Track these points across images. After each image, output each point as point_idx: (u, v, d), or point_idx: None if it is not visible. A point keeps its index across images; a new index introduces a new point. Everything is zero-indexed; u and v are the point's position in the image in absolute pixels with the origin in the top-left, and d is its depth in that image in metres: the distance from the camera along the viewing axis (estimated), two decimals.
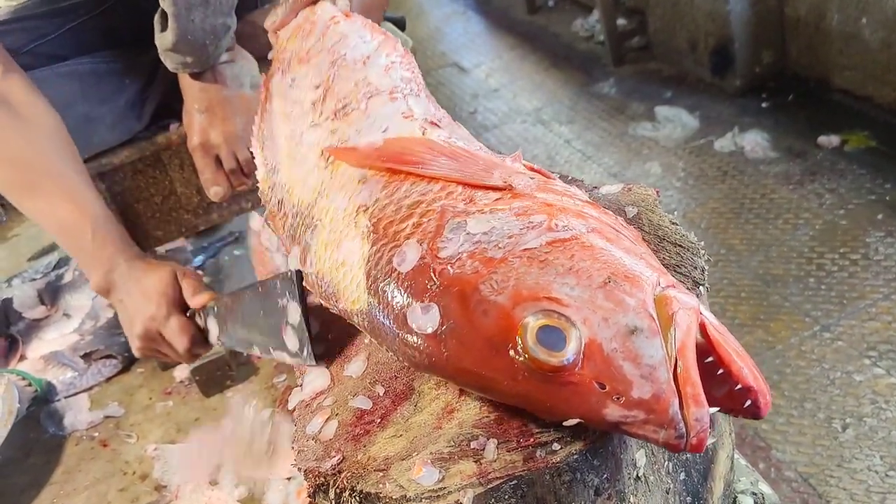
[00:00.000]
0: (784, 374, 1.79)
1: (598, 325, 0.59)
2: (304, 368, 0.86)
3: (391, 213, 0.75)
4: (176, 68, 1.35)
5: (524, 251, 0.65)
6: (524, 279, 0.63)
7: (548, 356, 0.59)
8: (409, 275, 0.69)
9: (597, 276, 0.62)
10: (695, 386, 0.56)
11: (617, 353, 0.58)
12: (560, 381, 0.60)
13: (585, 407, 0.60)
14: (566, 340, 0.59)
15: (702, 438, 0.56)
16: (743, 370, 0.57)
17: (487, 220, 0.68)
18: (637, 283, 0.61)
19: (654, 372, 0.57)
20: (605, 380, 0.58)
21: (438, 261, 0.67)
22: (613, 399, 0.58)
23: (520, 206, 0.69)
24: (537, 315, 0.60)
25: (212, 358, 1.69)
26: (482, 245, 0.66)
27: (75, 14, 1.48)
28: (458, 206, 0.71)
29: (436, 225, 0.70)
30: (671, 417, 0.56)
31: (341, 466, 0.69)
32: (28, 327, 2.09)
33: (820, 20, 2.57)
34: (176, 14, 1.25)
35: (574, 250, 0.64)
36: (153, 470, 1.58)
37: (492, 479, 0.63)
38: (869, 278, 1.98)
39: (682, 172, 2.59)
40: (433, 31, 4.41)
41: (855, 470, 1.56)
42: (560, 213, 0.67)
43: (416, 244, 0.70)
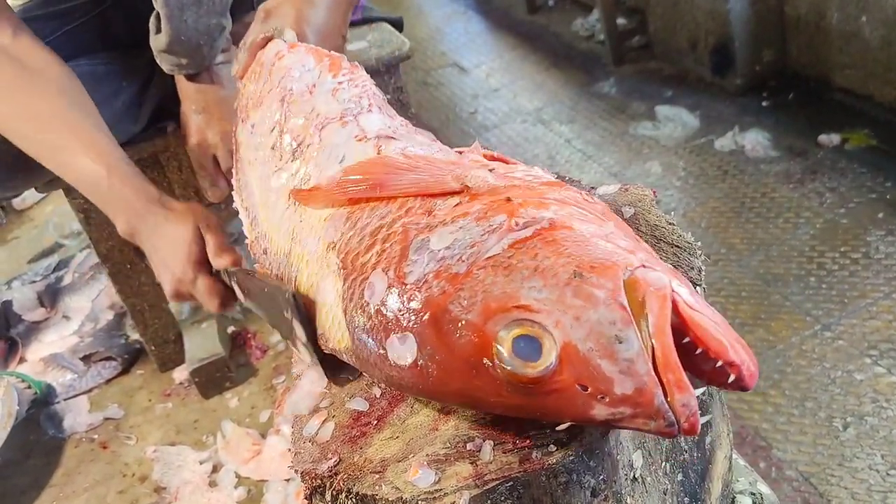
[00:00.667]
0: (785, 374, 1.79)
1: (570, 326, 0.58)
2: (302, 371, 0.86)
3: (356, 245, 0.73)
4: (171, 70, 1.35)
5: (487, 260, 0.63)
6: (491, 291, 0.61)
7: (525, 368, 0.58)
8: (380, 307, 0.67)
9: (563, 273, 0.60)
10: (675, 371, 0.54)
11: (593, 352, 0.57)
12: (542, 390, 0.58)
13: (573, 410, 0.59)
14: (541, 348, 0.58)
15: (692, 422, 0.55)
16: (722, 346, 0.56)
17: (450, 233, 0.66)
18: (604, 272, 0.59)
19: (632, 366, 0.56)
20: (585, 381, 0.57)
21: (405, 288, 0.66)
22: (598, 399, 0.57)
23: (479, 208, 0.67)
24: (510, 326, 0.59)
25: (211, 360, 1.69)
26: (446, 262, 0.65)
27: (72, 17, 1.48)
28: (419, 223, 0.70)
29: (399, 248, 0.69)
30: (657, 408, 0.55)
31: (338, 468, 0.69)
32: (28, 329, 2.09)
33: (820, 19, 2.57)
34: (168, 15, 1.24)
35: (537, 248, 0.62)
36: (153, 472, 1.58)
37: (488, 481, 0.62)
38: (870, 277, 1.97)
39: (683, 172, 2.58)
40: (433, 31, 4.41)
41: (856, 469, 1.55)
42: (519, 209, 0.65)
43: (381, 274, 0.68)
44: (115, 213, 1.19)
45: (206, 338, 1.75)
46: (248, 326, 1.91)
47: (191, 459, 1.58)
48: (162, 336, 1.80)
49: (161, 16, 1.26)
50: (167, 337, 1.80)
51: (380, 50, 1.61)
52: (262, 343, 1.84)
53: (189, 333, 1.78)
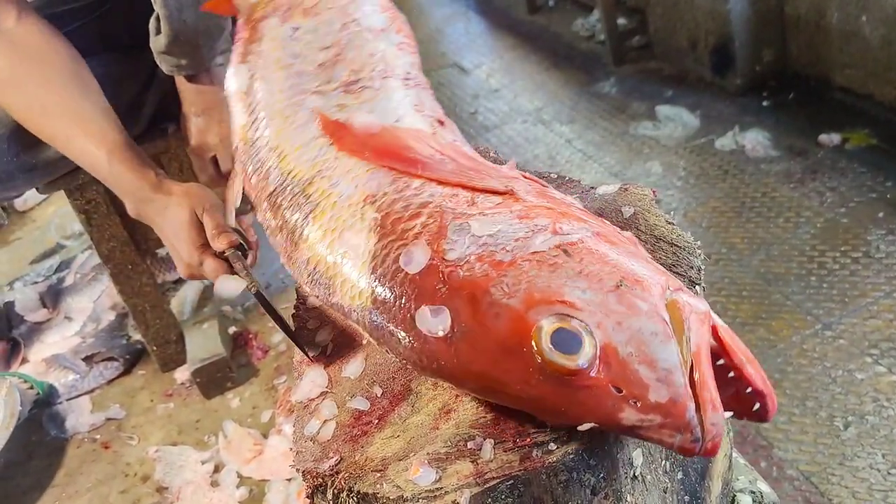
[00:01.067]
0: (786, 373, 1.79)
1: (612, 329, 0.59)
2: (303, 369, 0.86)
3: (400, 210, 0.73)
4: (171, 71, 1.35)
5: (533, 254, 0.64)
6: (536, 282, 0.62)
7: (564, 359, 0.59)
8: (417, 276, 0.68)
9: (608, 280, 0.62)
10: (711, 391, 0.56)
11: (633, 357, 0.58)
12: (576, 384, 0.59)
13: (602, 411, 0.59)
14: (581, 344, 0.59)
15: (717, 443, 0.56)
16: (755, 374, 0.58)
17: (492, 223, 0.68)
18: (647, 288, 0.61)
19: (670, 376, 0.57)
20: (621, 384, 0.58)
21: (446, 263, 0.66)
22: (630, 403, 0.58)
23: (521, 209, 0.69)
24: (551, 318, 0.60)
25: (212, 360, 1.70)
26: (489, 248, 0.66)
27: (72, 18, 1.48)
28: (458, 209, 0.71)
29: (438, 226, 0.69)
30: (688, 422, 0.56)
31: (339, 467, 0.70)
32: (30, 330, 2.10)
33: (820, 18, 2.57)
34: (168, 16, 1.25)
35: (582, 254, 0.64)
36: (155, 472, 1.58)
37: (488, 479, 0.63)
38: (870, 276, 1.97)
39: (683, 171, 2.58)
40: (434, 31, 4.41)
41: (857, 468, 1.55)
42: (562, 218, 0.67)
43: (424, 245, 0.68)
44: (122, 195, 1.20)
45: (207, 338, 1.75)
46: (250, 327, 1.91)
47: (192, 459, 1.58)
48: (163, 336, 1.80)
49: (160, 17, 1.26)
50: (169, 337, 1.81)
51: None
52: (264, 343, 1.85)
53: (190, 334, 1.78)
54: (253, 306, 1.99)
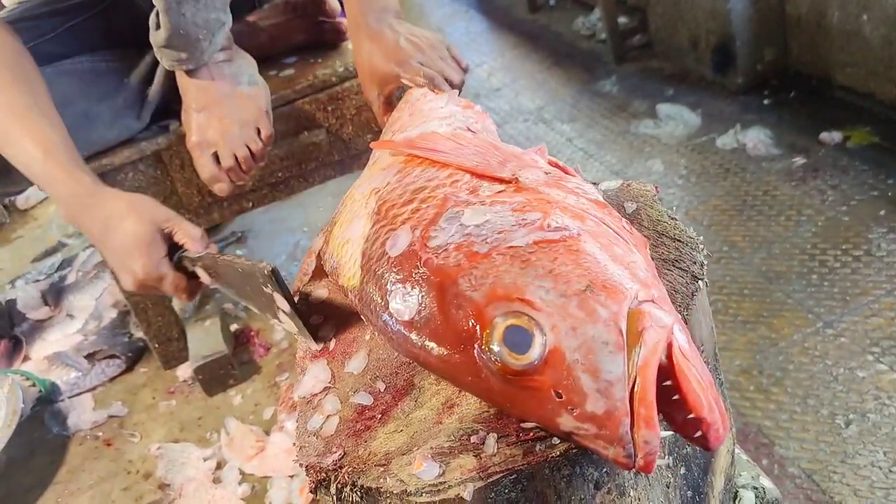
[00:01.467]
0: (787, 371, 1.79)
1: (564, 334, 0.59)
2: (306, 364, 0.86)
3: (396, 197, 0.76)
4: (172, 66, 1.35)
5: (509, 248, 0.64)
6: (502, 277, 0.63)
7: (509, 358, 0.59)
8: (397, 260, 0.70)
9: (575, 283, 0.61)
10: (648, 407, 0.55)
11: (577, 364, 0.57)
12: (519, 384, 0.60)
13: (541, 412, 0.60)
14: (531, 344, 0.59)
15: (649, 461, 0.55)
16: (698, 400, 0.56)
17: (484, 213, 0.68)
18: (614, 295, 0.60)
19: (610, 388, 0.56)
20: (562, 389, 0.58)
21: (426, 249, 0.68)
22: (568, 409, 0.58)
23: (519, 200, 0.69)
24: (507, 316, 0.60)
25: (214, 357, 1.70)
26: (471, 238, 0.67)
27: (75, 13, 1.48)
28: (460, 196, 0.72)
29: (434, 213, 0.71)
30: (620, 436, 0.55)
31: (342, 462, 0.70)
32: (32, 328, 2.10)
33: (821, 18, 2.57)
34: (167, 8, 1.25)
35: (558, 253, 0.63)
36: (157, 469, 1.58)
37: (492, 474, 0.63)
38: (872, 274, 1.97)
39: (685, 170, 2.58)
40: (435, 30, 4.40)
41: (858, 466, 1.55)
42: (557, 212, 0.67)
43: (408, 230, 0.70)
44: (55, 199, 1.17)
45: (209, 335, 1.75)
46: (251, 324, 1.91)
47: (195, 456, 1.58)
48: (165, 334, 1.80)
49: (159, 9, 1.26)
50: (170, 335, 1.81)
51: None
52: (266, 340, 1.85)
53: (192, 331, 1.79)
54: None
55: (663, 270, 0.76)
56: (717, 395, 0.58)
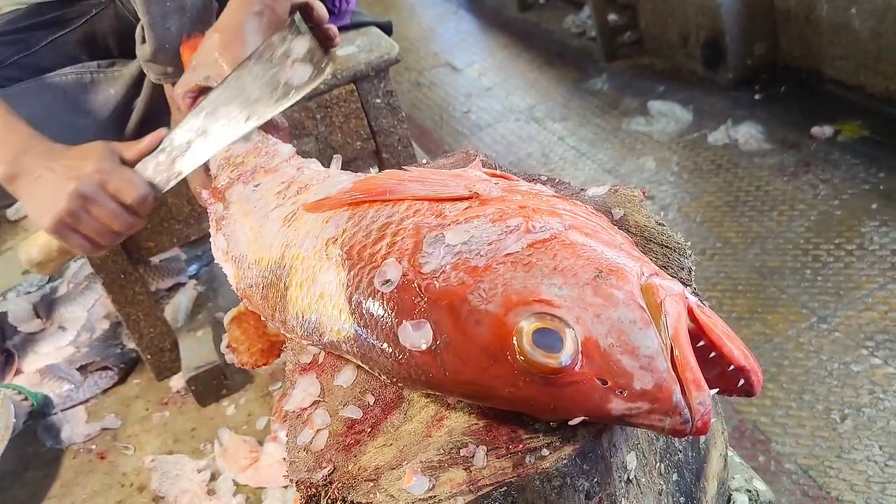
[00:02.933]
0: (782, 367, 1.79)
1: (591, 322, 0.59)
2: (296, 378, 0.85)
3: (362, 238, 0.75)
4: (158, 79, 1.35)
5: (507, 256, 0.64)
6: (511, 284, 0.63)
7: (546, 358, 0.59)
8: (393, 294, 0.68)
9: (582, 273, 0.62)
10: (694, 371, 0.56)
11: (614, 348, 0.58)
12: (561, 381, 0.60)
13: (590, 404, 0.60)
14: (562, 341, 0.59)
15: (706, 421, 0.57)
16: (734, 351, 0.58)
17: (465, 230, 0.68)
18: (622, 276, 0.62)
19: (652, 362, 0.57)
20: (606, 375, 0.58)
21: (422, 276, 0.67)
22: (616, 393, 0.58)
23: (493, 211, 0.69)
24: (530, 319, 0.60)
25: (207, 367, 1.69)
26: (464, 255, 0.66)
27: (58, 27, 1.47)
28: (430, 221, 0.71)
29: (413, 242, 0.70)
30: (675, 404, 0.57)
31: (332, 477, 0.69)
32: (23, 341, 2.09)
33: (810, 11, 2.57)
34: (151, 23, 1.24)
35: (556, 249, 0.64)
36: (151, 481, 1.57)
37: (482, 487, 0.62)
38: (865, 268, 1.97)
39: (677, 167, 2.58)
40: (425, 31, 4.41)
41: (854, 460, 1.56)
42: (535, 214, 0.68)
43: (395, 263, 0.69)
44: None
45: (201, 345, 1.75)
46: None
47: (189, 468, 1.57)
48: (157, 345, 1.79)
49: (144, 24, 1.26)
50: (163, 345, 1.80)
51: (369, 54, 1.60)
52: None
53: (184, 341, 1.78)
54: None
55: None
56: (744, 345, 0.60)
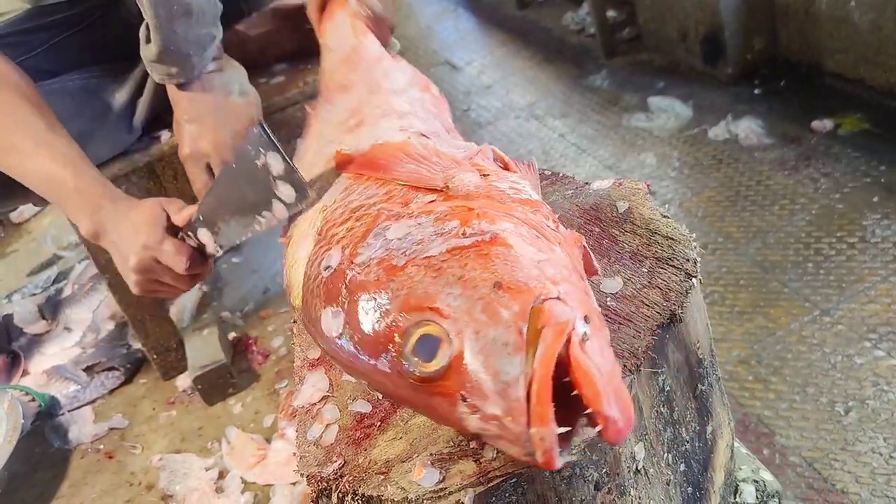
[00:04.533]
0: (785, 360, 1.79)
1: (468, 338, 0.60)
2: (304, 374, 0.86)
3: (337, 216, 0.78)
4: (162, 80, 1.35)
5: (424, 259, 0.66)
6: (416, 288, 0.64)
7: (417, 366, 0.61)
8: (328, 279, 0.72)
9: (481, 287, 0.62)
10: (543, 405, 0.55)
11: (479, 368, 0.58)
12: (429, 391, 0.61)
13: (451, 416, 0.61)
14: (436, 352, 0.60)
15: (548, 458, 0.55)
16: (597, 395, 0.55)
17: (407, 226, 0.70)
18: (517, 294, 0.61)
19: (507, 389, 0.57)
20: (466, 392, 0.59)
21: (352, 266, 0.69)
22: (472, 411, 0.59)
23: (443, 210, 0.70)
24: (419, 324, 0.62)
25: (213, 366, 1.70)
26: (392, 252, 0.68)
27: (59, 29, 1.48)
28: (393, 210, 0.74)
29: (364, 230, 0.72)
30: (517, 435, 0.56)
31: (343, 471, 0.70)
32: (30, 342, 2.10)
33: (809, 5, 2.57)
34: (158, 25, 1.25)
35: (469, 258, 0.64)
36: (159, 480, 1.58)
37: (492, 478, 0.63)
38: (867, 261, 1.97)
39: (677, 162, 2.59)
40: (424, 29, 4.41)
41: (859, 453, 1.56)
42: (474, 219, 0.68)
43: (340, 250, 0.72)
44: (80, 213, 1.21)
45: (207, 345, 1.75)
46: (249, 332, 1.91)
47: (196, 466, 1.58)
48: (163, 344, 1.80)
49: (150, 26, 1.26)
50: (169, 345, 1.81)
51: None
52: (264, 348, 1.85)
53: (190, 341, 1.78)
54: (252, 311, 1.99)
55: (656, 269, 0.76)
56: (622, 390, 0.57)
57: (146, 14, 1.25)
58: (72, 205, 1.22)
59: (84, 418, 1.83)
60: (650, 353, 0.70)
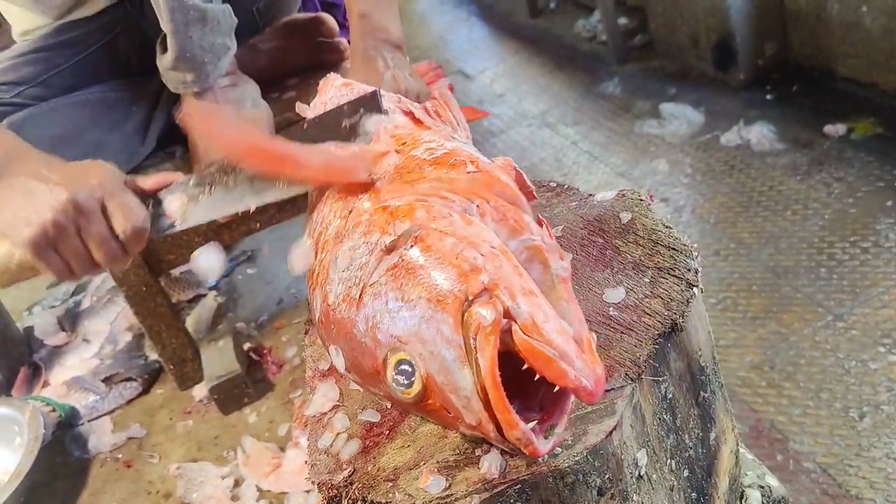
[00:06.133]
0: (799, 366, 1.79)
1: (428, 360, 0.62)
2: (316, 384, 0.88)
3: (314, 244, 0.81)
4: (177, 88, 1.38)
5: (371, 287, 0.68)
6: (377, 319, 0.67)
7: (400, 393, 0.65)
8: (320, 322, 0.76)
9: (419, 306, 0.64)
10: (502, 412, 0.58)
11: (445, 386, 0.62)
12: (421, 409, 0.66)
13: (451, 426, 0.66)
14: (413, 376, 0.63)
15: (531, 451, 0.58)
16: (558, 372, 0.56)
17: (348, 250, 0.72)
18: (447, 306, 0.62)
19: (469, 402, 0.60)
20: (446, 408, 0.63)
21: (329, 307, 0.73)
22: (458, 422, 0.63)
23: (367, 220, 0.72)
24: (393, 353, 0.65)
25: (229, 377, 1.72)
26: (347, 284, 0.71)
27: (84, 45, 1.51)
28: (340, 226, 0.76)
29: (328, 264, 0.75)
30: (496, 439, 0.60)
31: (353, 478, 0.71)
32: (50, 354, 2.13)
33: (820, 10, 2.57)
34: (174, 31, 1.28)
35: (402, 278, 0.66)
36: (176, 488, 1.60)
37: (497, 485, 0.64)
38: (880, 266, 1.97)
39: (690, 168, 2.59)
40: (437, 39, 4.43)
41: (874, 458, 1.55)
42: (390, 223, 0.69)
43: (319, 291, 0.75)
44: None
45: (223, 355, 1.77)
46: (264, 342, 1.93)
47: (213, 475, 1.60)
48: (180, 355, 1.83)
49: (167, 32, 1.29)
50: (185, 356, 1.83)
51: None
52: (278, 358, 1.86)
53: (206, 352, 1.81)
54: (266, 322, 2.01)
55: (658, 279, 0.77)
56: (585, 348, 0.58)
57: (163, 20, 1.28)
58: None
59: (103, 428, 1.85)
60: (652, 361, 0.71)
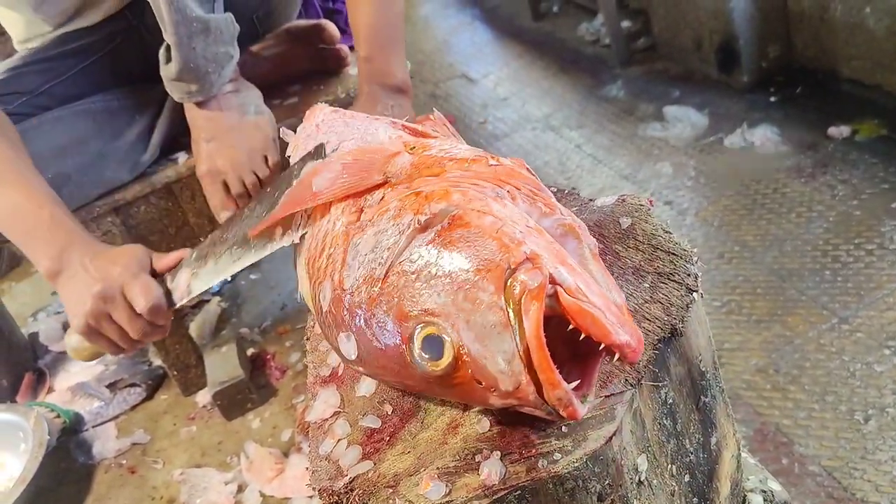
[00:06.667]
0: (804, 369, 1.79)
1: (463, 329, 0.63)
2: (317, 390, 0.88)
3: (314, 250, 0.80)
4: (181, 98, 1.39)
5: (401, 263, 0.68)
6: (404, 295, 0.67)
7: (429, 367, 0.64)
8: (329, 310, 0.75)
9: (456, 276, 0.64)
10: (546, 371, 0.59)
11: (480, 354, 0.62)
12: (449, 383, 0.65)
13: (477, 398, 0.66)
14: (443, 348, 0.63)
15: (570, 412, 0.59)
16: (604, 330, 0.58)
17: (373, 235, 0.72)
18: (488, 274, 0.63)
19: (509, 366, 0.61)
20: (478, 378, 0.63)
21: (345, 293, 0.72)
22: (491, 392, 0.62)
23: (395, 205, 0.72)
24: (419, 328, 0.65)
25: (232, 382, 1.72)
26: (371, 266, 0.70)
27: (86, 54, 1.52)
28: (354, 223, 0.76)
29: (342, 253, 0.74)
30: (534, 402, 0.61)
31: (353, 485, 0.71)
32: (54, 360, 2.13)
33: (824, 12, 2.57)
34: (178, 43, 1.28)
35: (437, 252, 0.67)
36: (180, 494, 1.60)
37: (497, 491, 0.64)
38: (885, 268, 1.96)
39: (694, 171, 2.59)
40: (440, 43, 4.44)
41: (879, 461, 1.55)
42: (424, 204, 0.70)
43: (329, 280, 0.75)
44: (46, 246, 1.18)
45: (226, 361, 1.78)
46: (267, 348, 1.94)
47: (216, 480, 1.60)
48: (183, 361, 1.83)
49: (171, 44, 1.30)
50: (189, 362, 1.83)
51: None
52: (281, 364, 1.87)
53: (210, 357, 1.81)
54: (270, 327, 2.01)
55: (658, 284, 0.77)
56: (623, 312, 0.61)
57: (166, 32, 1.28)
58: (40, 238, 1.18)
59: (107, 434, 1.85)
60: (652, 366, 0.71)
